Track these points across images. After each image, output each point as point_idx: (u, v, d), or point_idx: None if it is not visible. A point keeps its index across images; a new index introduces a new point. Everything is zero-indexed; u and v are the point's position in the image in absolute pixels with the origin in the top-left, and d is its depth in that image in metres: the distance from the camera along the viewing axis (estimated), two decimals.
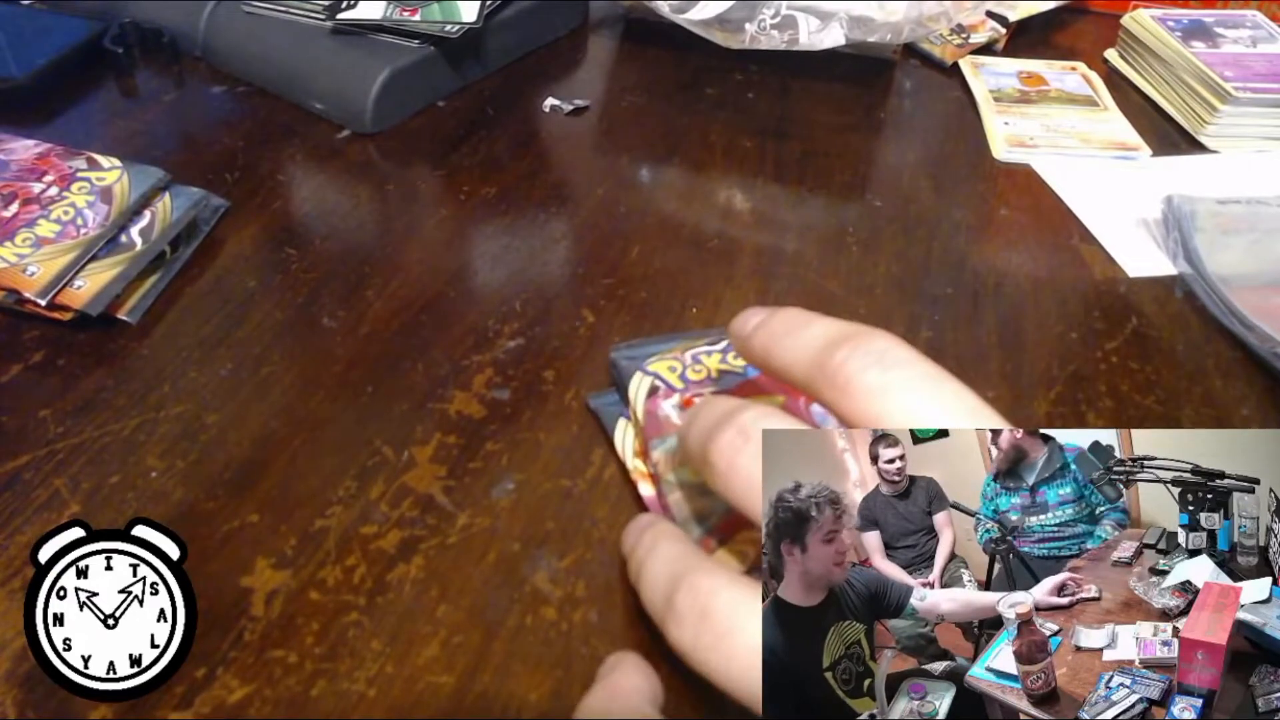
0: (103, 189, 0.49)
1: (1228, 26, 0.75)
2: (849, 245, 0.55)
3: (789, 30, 0.67)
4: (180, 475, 0.39)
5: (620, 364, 0.42)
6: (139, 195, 0.49)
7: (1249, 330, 0.48)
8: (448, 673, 0.33)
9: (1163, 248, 0.56)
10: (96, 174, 0.49)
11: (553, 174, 0.61)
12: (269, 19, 0.66)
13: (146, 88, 0.66)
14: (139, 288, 0.47)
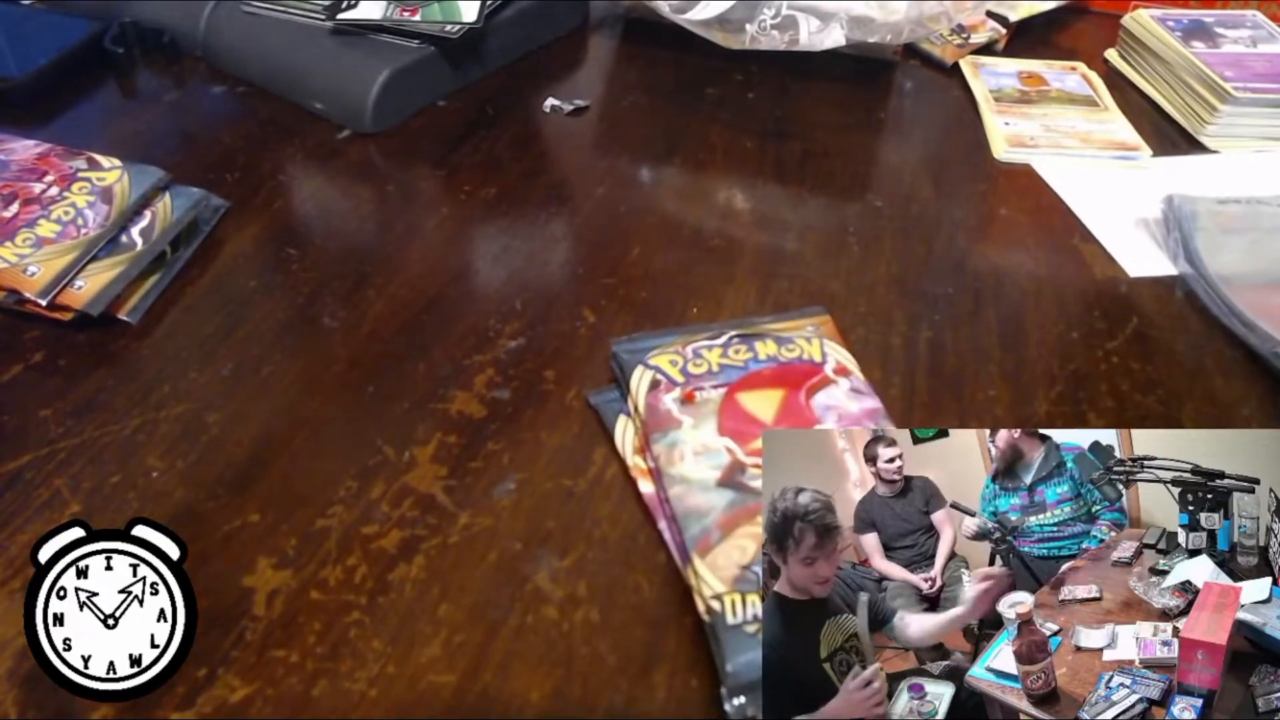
0: (103, 189, 0.49)
1: (1228, 26, 0.75)
2: (849, 245, 0.55)
3: (789, 30, 0.67)
4: (181, 475, 0.39)
5: (622, 357, 0.42)
6: (139, 195, 0.49)
7: (1249, 330, 0.48)
8: (449, 672, 0.33)
9: (1163, 248, 0.56)
10: (97, 174, 0.49)
11: (553, 174, 0.61)
12: (269, 19, 0.66)
13: (146, 88, 0.66)
14: (139, 288, 0.47)
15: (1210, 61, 0.69)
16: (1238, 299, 0.50)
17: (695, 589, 0.34)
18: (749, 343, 0.42)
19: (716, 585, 0.33)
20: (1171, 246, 0.55)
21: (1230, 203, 0.57)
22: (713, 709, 0.32)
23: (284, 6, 0.66)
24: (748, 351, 0.42)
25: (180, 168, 0.53)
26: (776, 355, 0.42)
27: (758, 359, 0.42)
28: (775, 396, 0.40)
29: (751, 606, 0.32)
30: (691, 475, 0.37)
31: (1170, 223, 0.56)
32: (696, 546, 0.35)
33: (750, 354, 0.42)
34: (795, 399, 0.40)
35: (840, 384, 0.41)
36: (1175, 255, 0.55)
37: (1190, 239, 0.54)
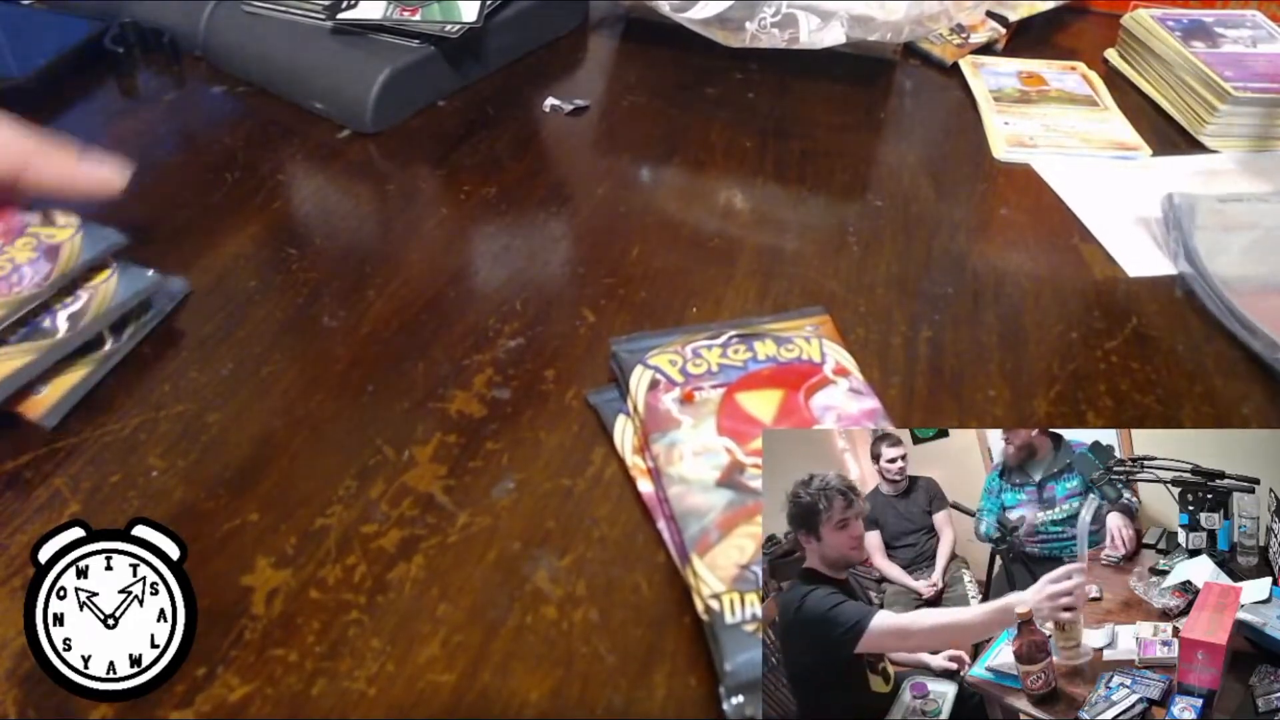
0: (50, 246, 0.42)
1: (1228, 26, 0.75)
2: (849, 245, 0.55)
3: (789, 29, 0.67)
4: (181, 475, 0.39)
5: (621, 357, 0.42)
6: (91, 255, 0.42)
7: (1251, 333, 0.48)
8: (448, 672, 0.33)
9: (1163, 247, 0.56)
10: (47, 230, 0.43)
11: (553, 174, 0.61)
12: (269, 19, 0.66)
13: (146, 88, 0.66)
14: (64, 383, 0.40)
15: (1210, 61, 0.69)
16: (1238, 301, 0.50)
17: (694, 588, 0.34)
18: (748, 343, 0.42)
19: (715, 585, 0.33)
20: (1171, 246, 0.55)
21: (1231, 201, 0.57)
22: (712, 708, 0.32)
23: (284, 6, 0.66)
24: (747, 351, 0.42)
25: (180, 168, 0.53)
26: (776, 355, 0.42)
27: (757, 359, 0.42)
28: (774, 397, 0.40)
29: (750, 606, 0.32)
30: (690, 475, 0.37)
31: (1170, 221, 0.56)
32: (695, 546, 0.35)
33: (749, 354, 0.42)
34: (794, 399, 0.40)
35: (839, 384, 0.41)
36: (1175, 255, 0.55)
37: (1189, 237, 0.54)
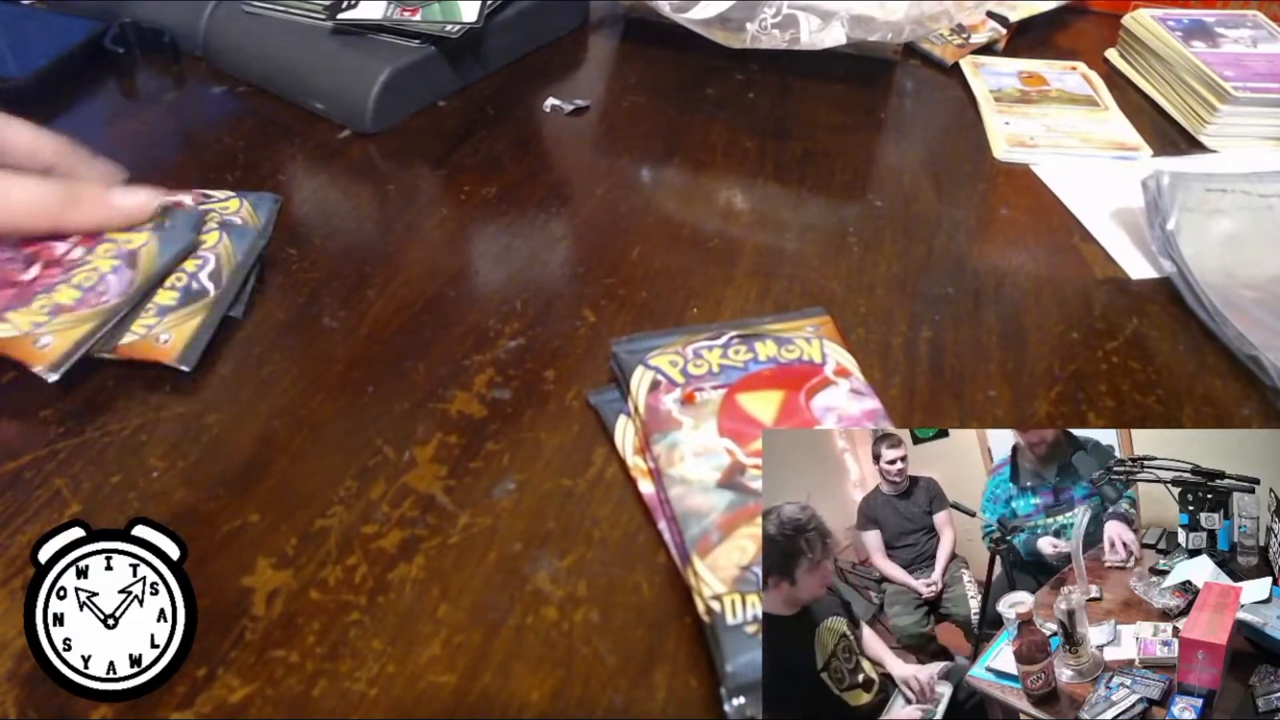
0: (129, 253, 0.44)
1: (1228, 26, 0.75)
2: (849, 245, 0.55)
3: (790, 29, 0.67)
4: (181, 475, 0.39)
5: (622, 357, 0.42)
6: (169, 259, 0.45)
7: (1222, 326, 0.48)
8: (449, 672, 0.33)
9: (1150, 240, 0.55)
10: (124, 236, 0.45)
11: (553, 174, 0.61)
12: (269, 19, 0.66)
13: (146, 88, 0.66)
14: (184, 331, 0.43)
15: (1210, 61, 0.69)
16: (1214, 296, 0.49)
17: (695, 589, 0.34)
18: (749, 343, 0.42)
19: (716, 586, 0.33)
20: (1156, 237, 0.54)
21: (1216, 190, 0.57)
22: (712, 709, 0.32)
23: (284, 6, 0.66)
24: (748, 352, 0.42)
25: (180, 168, 0.53)
26: (776, 356, 0.42)
27: (758, 360, 0.42)
28: (775, 397, 0.40)
29: (751, 607, 0.32)
30: (691, 476, 0.37)
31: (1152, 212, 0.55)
32: (696, 547, 0.35)
33: (750, 355, 0.42)
34: (795, 400, 0.40)
35: (840, 385, 0.41)
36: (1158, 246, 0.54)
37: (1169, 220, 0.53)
